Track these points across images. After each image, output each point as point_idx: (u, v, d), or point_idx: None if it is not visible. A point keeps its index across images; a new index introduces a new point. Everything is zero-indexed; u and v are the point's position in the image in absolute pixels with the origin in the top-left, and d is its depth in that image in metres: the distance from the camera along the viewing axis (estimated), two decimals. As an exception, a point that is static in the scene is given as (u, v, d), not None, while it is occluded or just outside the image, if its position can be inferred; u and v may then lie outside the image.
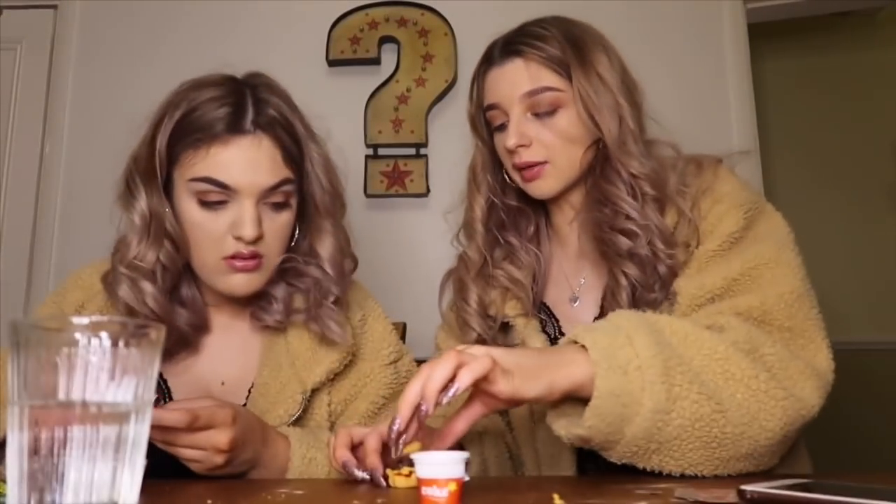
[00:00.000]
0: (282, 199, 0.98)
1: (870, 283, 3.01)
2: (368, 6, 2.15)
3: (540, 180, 1.05)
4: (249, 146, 0.95)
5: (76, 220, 2.15)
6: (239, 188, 0.94)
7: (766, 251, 0.94)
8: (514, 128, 1.04)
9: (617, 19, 1.92)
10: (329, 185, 1.03)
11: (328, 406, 1.05)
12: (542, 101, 1.03)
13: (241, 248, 0.95)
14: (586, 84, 1.02)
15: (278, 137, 0.97)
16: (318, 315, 1.02)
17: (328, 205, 1.03)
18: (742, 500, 0.63)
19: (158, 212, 0.97)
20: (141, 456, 0.50)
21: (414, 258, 2.04)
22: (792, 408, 0.81)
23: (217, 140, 0.94)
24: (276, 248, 1.00)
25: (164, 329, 0.52)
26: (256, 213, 0.95)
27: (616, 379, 0.74)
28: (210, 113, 0.95)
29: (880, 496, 0.56)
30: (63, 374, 0.47)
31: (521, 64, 1.04)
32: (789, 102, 3.26)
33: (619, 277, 1.00)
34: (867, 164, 3.18)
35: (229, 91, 0.98)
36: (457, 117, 2.10)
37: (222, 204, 0.95)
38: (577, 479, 0.95)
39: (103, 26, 2.26)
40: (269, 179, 0.96)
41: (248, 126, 0.95)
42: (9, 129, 2.23)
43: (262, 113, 0.96)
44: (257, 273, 0.99)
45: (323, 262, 1.03)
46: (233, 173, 0.94)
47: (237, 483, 0.85)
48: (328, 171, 1.04)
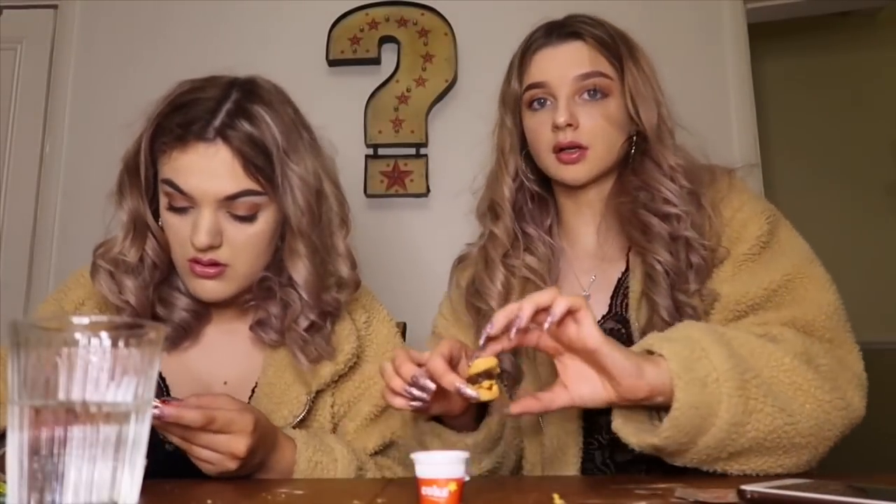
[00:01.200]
0: (245, 210, 0.96)
1: (870, 282, 3.00)
2: (368, 6, 2.15)
3: (578, 165, 1.05)
4: (205, 153, 0.93)
5: (76, 220, 2.14)
6: (194, 195, 0.94)
7: (798, 264, 0.96)
8: (565, 106, 1.04)
9: (617, 19, 1.91)
10: (307, 206, 0.98)
11: (331, 408, 1.05)
12: (595, 85, 1.05)
13: (198, 253, 0.95)
14: (636, 74, 1.05)
15: (239, 148, 0.93)
16: (290, 340, 1.01)
17: (304, 227, 0.99)
18: (742, 499, 0.63)
19: (140, 212, 0.99)
20: (141, 456, 0.50)
21: (414, 258, 2.04)
22: (847, 417, 0.85)
23: (178, 144, 0.94)
24: (245, 260, 0.98)
25: (164, 329, 0.52)
26: (212, 221, 0.94)
27: (696, 391, 0.75)
28: (180, 117, 0.94)
29: (881, 496, 0.56)
30: (63, 373, 0.47)
31: (581, 46, 1.06)
32: (789, 102, 3.26)
33: (653, 263, 1.00)
34: (867, 164, 3.18)
35: (207, 96, 0.96)
36: (457, 117, 2.12)
37: (186, 209, 0.96)
38: (577, 479, 0.95)
39: (103, 26, 2.26)
40: (225, 189, 0.94)
41: (208, 133, 0.93)
42: (9, 129, 2.23)
43: (230, 122, 0.94)
44: (222, 281, 0.98)
45: (297, 287, 1.00)
46: (188, 179, 0.93)
47: (237, 483, 0.85)
48: (308, 191, 0.98)
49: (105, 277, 1.00)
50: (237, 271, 0.98)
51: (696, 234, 0.99)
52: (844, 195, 3.17)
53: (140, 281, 1.00)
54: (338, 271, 1.05)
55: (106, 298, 1.01)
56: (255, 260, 1.00)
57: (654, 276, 0.99)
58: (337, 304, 1.04)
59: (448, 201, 2.03)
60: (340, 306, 1.06)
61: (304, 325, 1.01)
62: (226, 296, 1.00)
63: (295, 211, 0.98)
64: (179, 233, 0.96)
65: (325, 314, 1.03)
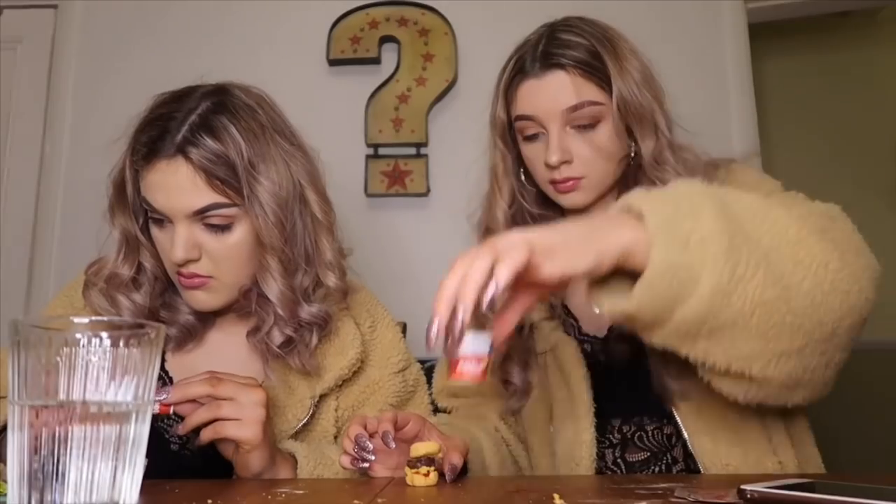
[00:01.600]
0: (220, 221, 0.94)
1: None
2: (369, 6, 2.15)
3: (574, 193, 1.04)
4: (166, 170, 0.92)
5: (76, 221, 2.14)
6: (164, 211, 0.94)
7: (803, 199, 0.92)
8: (557, 144, 1.01)
9: (617, 19, 1.91)
10: (276, 220, 0.95)
11: (335, 412, 1.05)
12: (583, 116, 1.01)
13: (179, 267, 0.95)
14: (626, 92, 1.00)
15: (199, 162, 0.91)
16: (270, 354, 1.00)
17: (275, 241, 0.95)
18: (742, 499, 0.63)
19: (129, 228, 1.00)
20: (141, 455, 0.51)
21: (414, 258, 2.04)
22: (848, 302, 0.74)
23: (144, 163, 0.94)
24: (227, 270, 0.97)
25: (164, 329, 0.52)
26: (185, 236, 0.93)
27: (675, 251, 0.67)
28: (147, 134, 0.94)
29: (881, 496, 0.56)
30: (63, 373, 0.47)
31: (564, 77, 1.01)
32: (790, 102, 3.26)
33: None
34: (869, 163, 3.18)
35: (170, 110, 0.95)
36: (457, 117, 2.12)
37: (164, 224, 0.96)
38: (578, 478, 0.95)
39: (103, 26, 2.26)
40: (192, 204, 0.92)
41: (167, 149, 0.92)
42: (9, 129, 2.23)
43: (191, 137, 0.92)
44: (209, 292, 0.98)
45: (272, 303, 0.98)
46: (157, 197, 0.94)
47: (237, 483, 0.85)
48: (278, 203, 0.95)
49: (97, 295, 1.00)
50: (222, 282, 0.97)
51: None
52: (845, 195, 3.12)
53: (140, 294, 1.00)
54: (325, 282, 1.02)
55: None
56: (239, 270, 0.98)
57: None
58: (324, 315, 1.01)
59: (448, 201, 2.03)
60: (330, 317, 1.03)
61: (279, 340, 0.98)
62: (217, 305, 0.99)
63: (265, 224, 0.94)
64: (164, 246, 0.97)
65: (310, 326, 1.01)
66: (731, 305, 0.68)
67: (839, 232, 0.78)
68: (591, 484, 0.81)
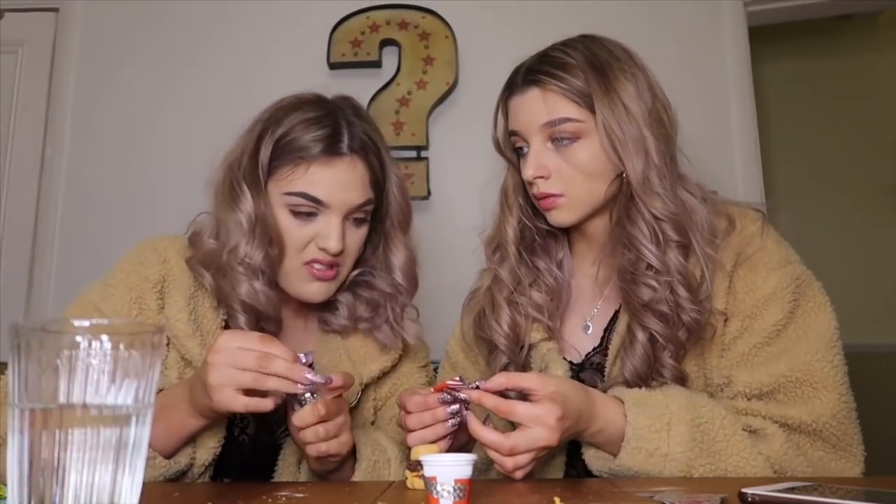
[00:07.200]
0: (363, 215, 1.06)
1: (871, 284, 3.00)
2: (369, 9, 2.16)
3: (555, 210, 1.04)
4: (346, 168, 1.03)
5: (77, 223, 2.14)
6: (331, 205, 1.02)
7: (815, 349, 0.93)
8: (533, 158, 1.02)
9: (617, 21, 1.92)
10: (405, 203, 1.12)
11: (373, 401, 1.13)
12: (561, 132, 1.00)
13: (321, 254, 1.02)
14: (610, 115, 0.98)
15: (369, 161, 1.05)
16: (380, 325, 1.11)
17: (402, 221, 1.12)
18: (743, 503, 0.63)
19: (264, 216, 1.02)
20: (142, 458, 0.50)
21: (415, 261, 2.04)
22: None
23: (316, 160, 1.02)
24: (350, 262, 1.08)
25: (164, 332, 0.52)
26: (342, 228, 1.03)
27: (640, 459, 0.85)
28: (309, 134, 1.02)
29: (881, 499, 0.56)
30: (64, 376, 0.47)
31: (538, 94, 1.02)
32: (790, 105, 3.26)
33: (636, 331, 0.98)
34: (868, 166, 3.18)
35: (326, 113, 1.05)
36: (458, 120, 2.12)
37: (312, 216, 1.02)
38: (578, 482, 0.95)
39: (104, 29, 2.27)
40: (358, 199, 1.04)
41: (344, 149, 1.03)
42: (10, 132, 2.23)
43: (354, 137, 1.04)
44: (333, 283, 1.06)
45: (395, 273, 1.11)
46: (328, 191, 1.01)
47: (237, 485, 0.86)
48: (403, 190, 1.12)
49: (247, 283, 1.01)
50: (344, 271, 1.07)
51: (684, 291, 0.95)
52: (845, 197, 3.17)
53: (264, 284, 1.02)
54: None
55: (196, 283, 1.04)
56: (355, 259, 1.09)
57: (632, 345, 0.98)
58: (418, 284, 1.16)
59: (449, 204, 2.03)
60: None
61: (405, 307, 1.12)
62: (329, 296, 1.07)
63: (397, 208, 1.11)
64: (299, 238, 1.03)
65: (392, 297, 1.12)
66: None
67: (800, 472, 0.89)
68: (592, 487, 0.81)
